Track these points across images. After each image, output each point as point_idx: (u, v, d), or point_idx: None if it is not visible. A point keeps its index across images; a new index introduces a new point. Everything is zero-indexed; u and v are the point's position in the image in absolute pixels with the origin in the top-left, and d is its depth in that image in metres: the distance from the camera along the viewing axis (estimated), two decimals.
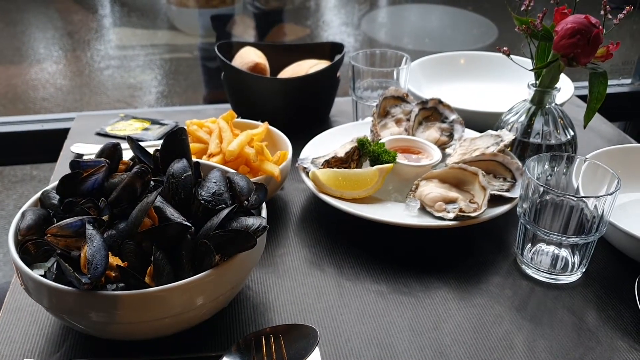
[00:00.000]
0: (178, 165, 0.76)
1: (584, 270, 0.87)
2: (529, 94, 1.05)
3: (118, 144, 0.82)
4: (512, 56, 1.05)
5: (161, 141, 0.80)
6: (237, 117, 1.09)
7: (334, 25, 4.11)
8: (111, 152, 0.81)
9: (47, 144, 1.38)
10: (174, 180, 0.74)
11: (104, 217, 0.72)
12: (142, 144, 1.16)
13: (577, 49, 0.92)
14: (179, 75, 3.58)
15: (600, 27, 0.93)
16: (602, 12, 0.94)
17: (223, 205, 0.72)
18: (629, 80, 1.74)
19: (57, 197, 0.76)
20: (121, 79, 3.55)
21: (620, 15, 0.94)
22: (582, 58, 0.93)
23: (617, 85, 1.73)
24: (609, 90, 1.19)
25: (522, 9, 0.99)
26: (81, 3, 4.17)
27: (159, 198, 0.72)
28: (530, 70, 1.02)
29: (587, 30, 0.91)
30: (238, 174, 0.80)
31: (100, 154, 0.81)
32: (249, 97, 1.26)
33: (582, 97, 1.43)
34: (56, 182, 0.76)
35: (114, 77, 3.57)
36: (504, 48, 1.04)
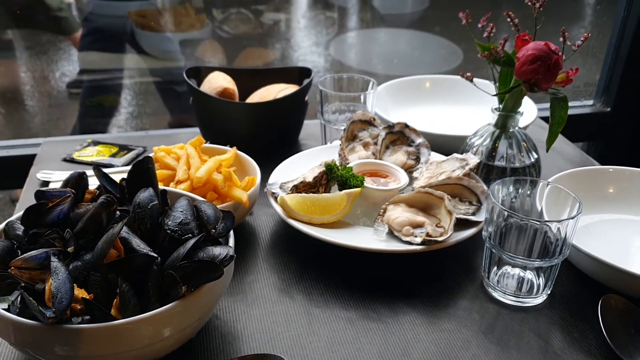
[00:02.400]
0: (144, 195, 0.76)
1: (549, 292, 0.88)
2: (492, 118, 1.07)
3: (84, 173, 0.81)
4: (477, 79, 1.07)
5: (129, 167, 0.80)
6: (206, 142, 1.09)
7: (304, 45, 4.14)
8: (77, 182, 0.80)
9: (13, 170, 1.35)
10: (140, 210, 0.74)
11: (69, 249, 0.71)
12: (109, 170, 1.17)
13: (538, 75, 0.94)
14: (148, 96, 3.56)
15: (560, 53, 0.95)
16: (561, 39, 0.97)
17: (190, 235, 0.72)
18: (590, 102, 1.78)
19: (22, 228, 0.75)
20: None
21: (579, 42, 0.97)
22: (543, 84, 0.95)
23: (579, 106, 1.77)
24: (571, 111, 1.21)
25: (484, 35, 1.02)
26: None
27: (125, 228, 0.71)
28: (493, 95, 1.04)
29: (547, 57, 0.94)
30: (205, 202, 0.80)
31: (66, 183, 0.80)
32: (217, 122, 1.27)
33: (546, 119, 1.46)
34: (21, 213, 0.75)
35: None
36: (467, 74, 1.06)
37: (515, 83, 0.99)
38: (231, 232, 0.78)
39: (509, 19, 1.01)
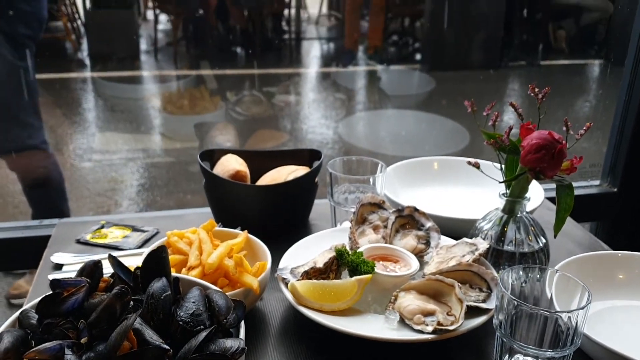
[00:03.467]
0: (157, 285, 0.77)
1: None
2: (500, 203, 1.09)
3: (99, 262, 0.82)
4: (484, 161, 1.09)
5: (141, 249, 0.82)
6: (218, 225, 1.11)
7: (314, 118, 4.24)
8: (92, 271, 0.81)
9: (28, 252, 1.37)
10: (153, 301, 0.75)
11: (82, 340, 0.71)
12: (122, 252, 1.18)
13: (542, 164, 0.97)
14: (160, 169, 3.62)
15: (564, 142, 0.98)
16: (564, 128, 1.00)
17: (201, 327, 0.73)
18: (597, 182, 1.80)
19: (36, 317, 0.76)
20: (102, 172, 3.57)
21: (581, 131, 1.00)
22: (548, 172, 0.97)
23: (586, 186, 1.79)
24: (578, 192, 1.23)
25: (489, 124, 1.05)
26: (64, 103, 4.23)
27: (138, 319, 0.72)
28: (500, 182, 1.06)
29: (551, 146, 0.96)
30: (217, 291, 0.81)
31: (81, 272, 0.81)
32: (229, 204, 1.29)
33: (553, 199, 1.48)
34: (35, 301, 0.76)
35: (95, 171, 3.60)
36: (474, 161, 1.09)
37: (520, 171, 1.01)
38: (242, 323, 0.79)
39: (512, 109, 1.04)
